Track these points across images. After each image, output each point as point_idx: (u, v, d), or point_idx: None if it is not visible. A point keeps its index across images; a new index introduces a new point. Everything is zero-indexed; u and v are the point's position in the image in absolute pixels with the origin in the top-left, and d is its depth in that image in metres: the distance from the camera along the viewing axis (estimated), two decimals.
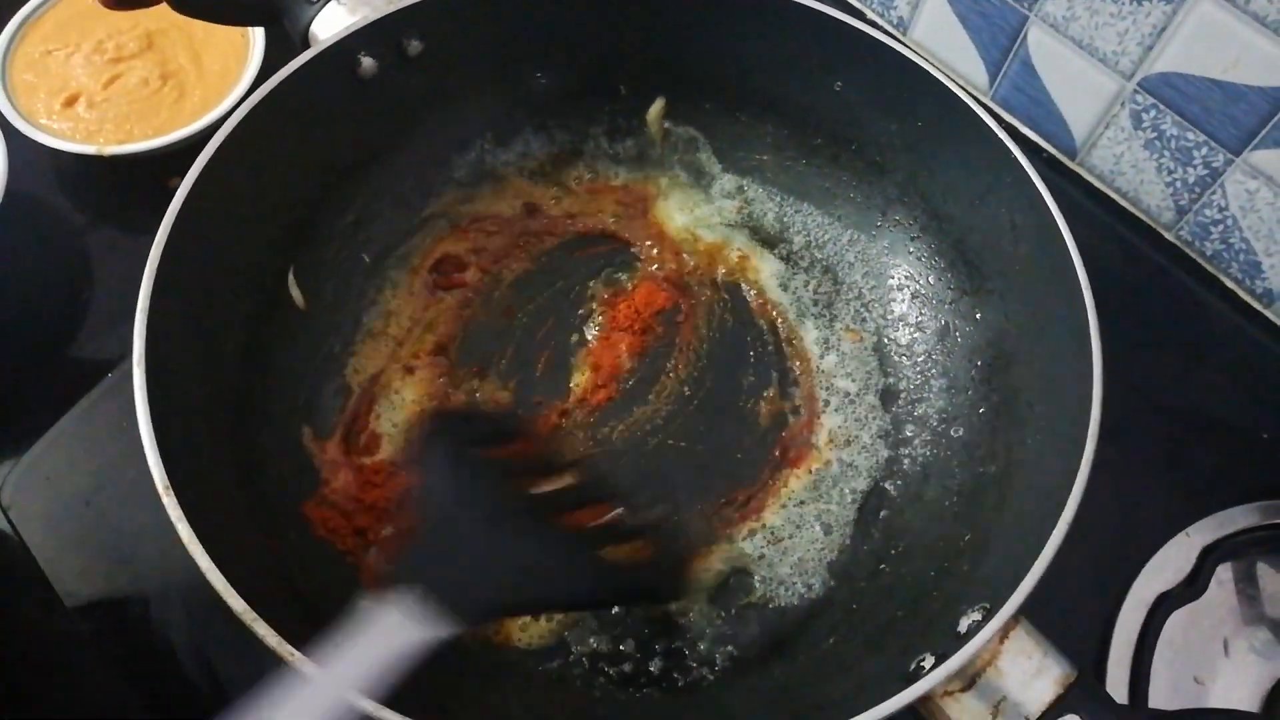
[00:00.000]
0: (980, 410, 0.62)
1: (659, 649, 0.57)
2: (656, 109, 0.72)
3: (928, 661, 0.46)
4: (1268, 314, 0.77)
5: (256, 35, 0.82)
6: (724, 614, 0.58)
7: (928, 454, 0.63)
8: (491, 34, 0.65)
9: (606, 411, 0.65)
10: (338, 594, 0.54)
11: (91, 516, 0.63)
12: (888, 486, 0.63)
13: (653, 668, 0.56)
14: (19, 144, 0.73)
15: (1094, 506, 0.48)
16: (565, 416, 0.65)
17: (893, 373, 0.67)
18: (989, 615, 0.46)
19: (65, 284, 0.75)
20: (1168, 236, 0.80)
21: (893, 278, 0.70)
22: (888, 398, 0.67)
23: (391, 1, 0.61)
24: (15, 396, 0.70)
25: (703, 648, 0.57)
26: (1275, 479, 0.68)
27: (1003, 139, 0.59)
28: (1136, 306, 0.75)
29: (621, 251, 0.72)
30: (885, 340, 0.69)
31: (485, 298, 0.69)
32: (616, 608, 0.58)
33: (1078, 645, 0.49)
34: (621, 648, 0.57)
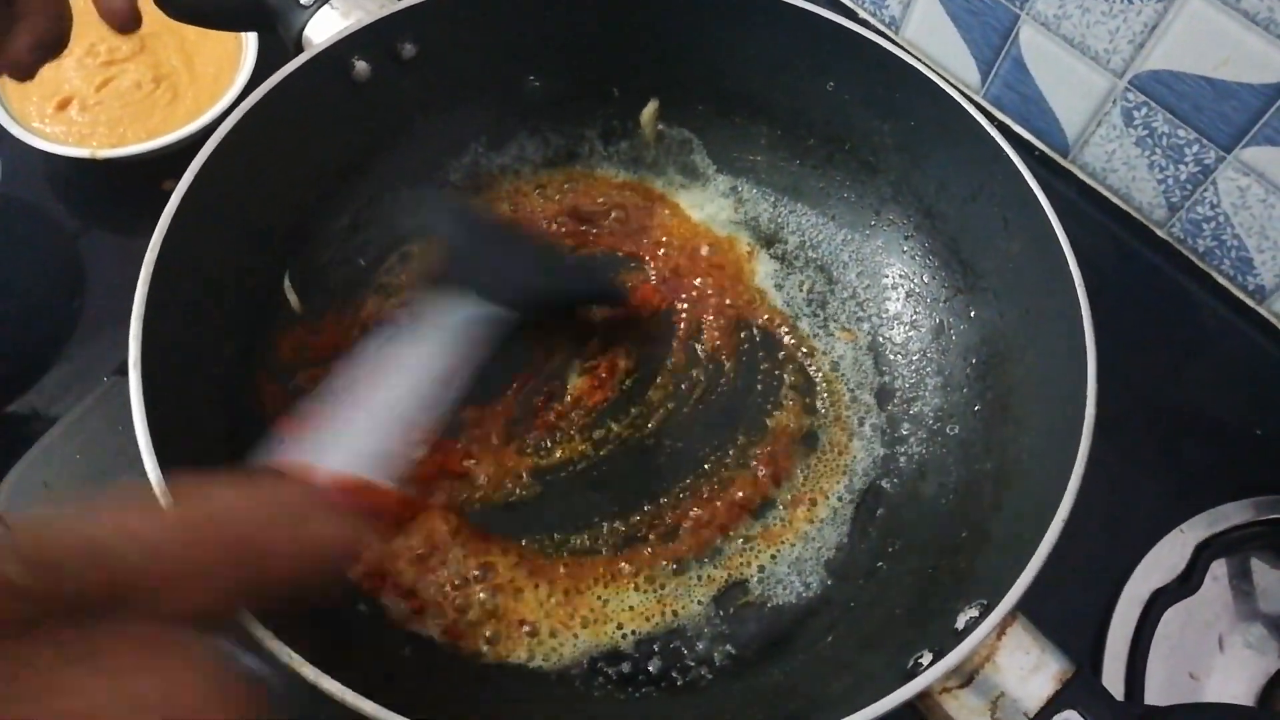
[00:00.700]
0: (975, 408, 0.62)
1: (657, 649, 0.57)
2: (650, 111, 0.72)
3: (926, 658, 0.46)
4: (1260, 310, 0.77)
5: (249, 39, 0.81)
6: (722, 613, 0.58)
7: (924, 452, 0.63)
8: (485, 38, 0.65)
9: (603, 412, 0.65)
10: (330, 594, 0.54)
11: None
12: (884, 484, 0.63)
13: (651, 668, 0.56)
14: (12, 147, 0.73)
15: (1088, 503, 0.48)
16: (562, 418, 0.65)
17: (888, 371, 0.67)
18: (986, 611, 0.46)
19: (59, 287, 0.75)
20: (1160, 233, 0.80)
21: (887, 277, 0.70)
22: (883, 396, 0.67)
23: (385, 5, 0.61)
24: (10, 401, 0.70)
25: (701, 647, 0.57)
26: (1268, 475, 0.68)
27: (995, 137, 0.59)
28: (1129, 303, 0.75)
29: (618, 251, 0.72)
30: (880, 339, 0.69)
31: None
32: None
33: (1074, 642, 0.49)
34: (620, 648, 0.57)
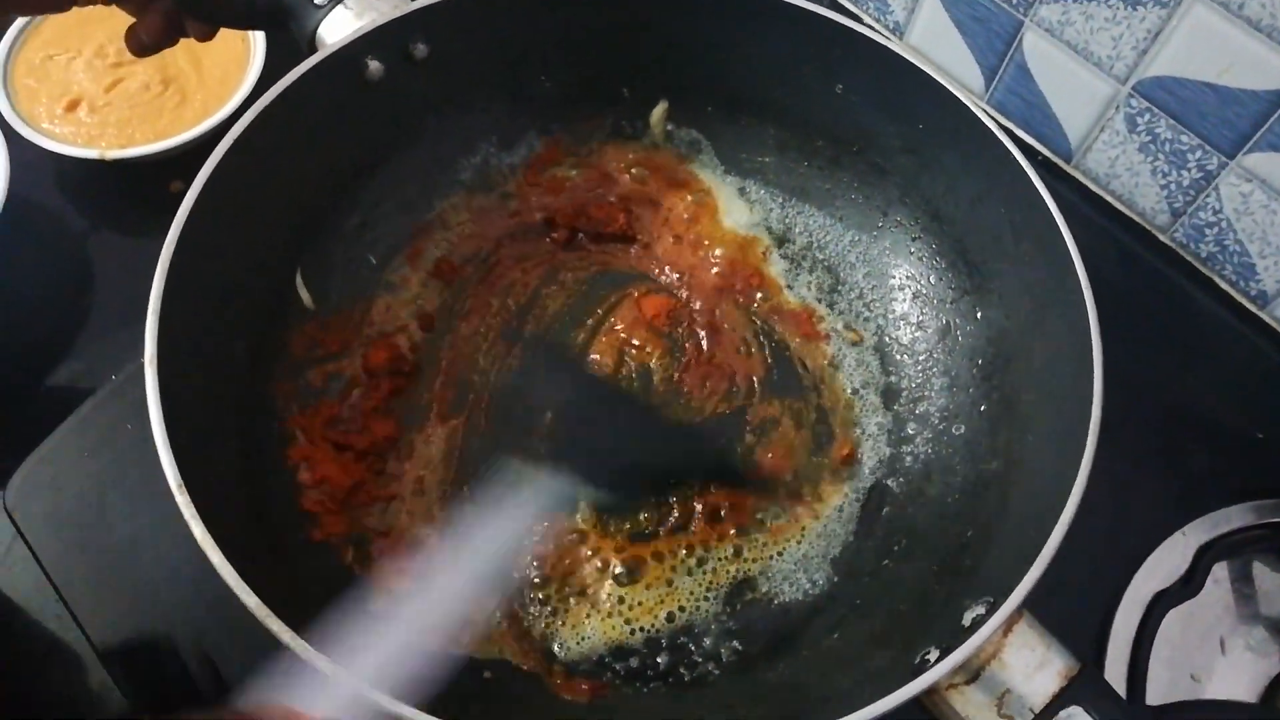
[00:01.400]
0: (981, 408, 0.62)
1: (665, 644, 0.57)
2: (659, 112, 0.73)
3: (932, 655, 0.46)
4: (1262, 315, 0.78)
5: (257, 40, 0.82)
6: (729, 610, 0.59)
7: (929, 452, 0.64)
8: (497, 38, 0.66)
9: None
10: (339, 592, 0.55)
11: (95, 518, 0.63)
12: (890, 484, 0.63)
13: (660, 662, 0.57)
14: (21, 148, 0.73)
15: (1091, 505, 0.48)
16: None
17: (894, 371, 0.68)
18: (993, 609, 0.46)
19: (67, 288, 0.75)
20: (1163, 239, 0.81)
21: (894, 278, 0.70)
22: (889, 396, 0.67)
23: (399, 5, 0.61)
24: (19, 400, 0.70)
25: (708, 643, 0.57)
26: (1269, 479, 0.69)
27: (1001, 140, 0.59)
28: (1132, 308, 0.75)
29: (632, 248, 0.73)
30: (887, 339, 0.69)
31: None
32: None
33: (1076, 642, 0.49)
34: (628, 643, 0.57)
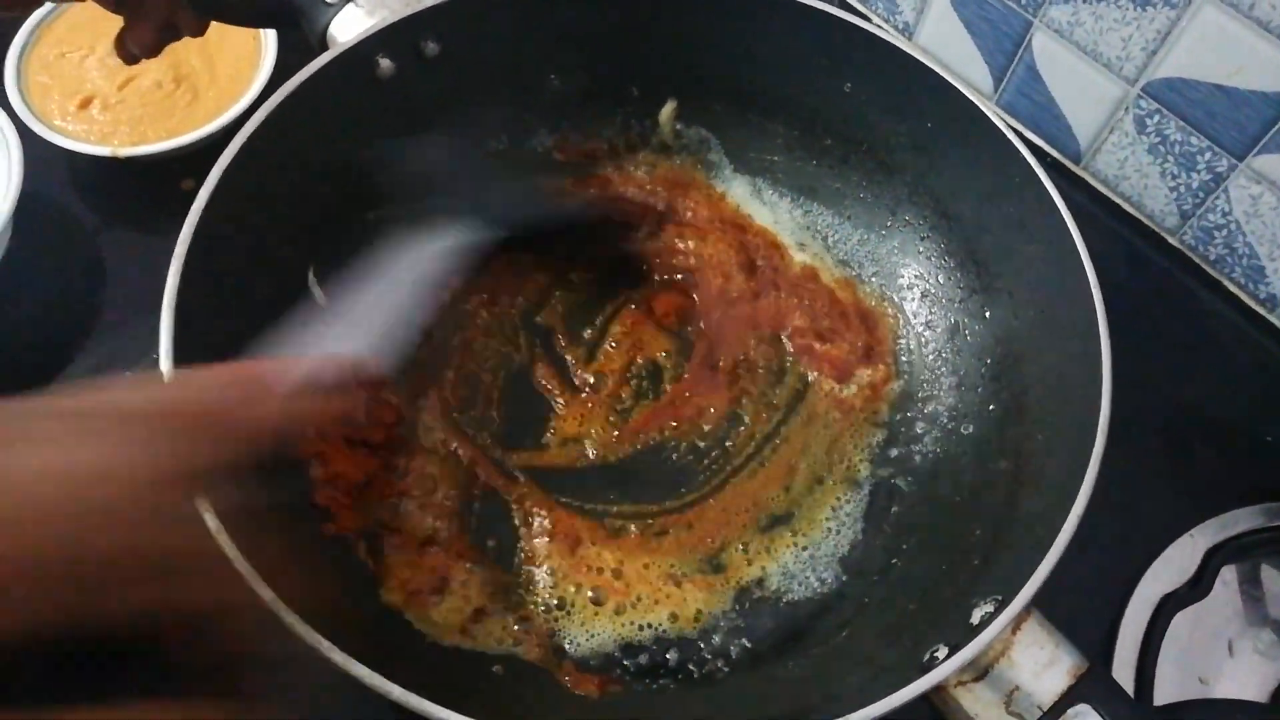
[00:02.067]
0: (990, 408, 0.62)
1: (674, 642, 0.57)
2: (668, 111, 0.73)
3: (941, 652, 0.46)
4: (1271, 318, 0.78)
5: (268, 38, 0.82)
6: (738, 608, 0.59)
7: (938, 451, 0.64)
8: (507, 36, 0.66)
9: (625, 407, 0.66)
10: (355, 591, 0.55)
11: None
12: (898, 482, 0.63)
13: (669, 659, 0.57)
14: (34, 145, 0.73)
15: (1099, 506, 0.48)
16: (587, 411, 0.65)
17: (903, 371, 0.68)
18: (1001, 607, 0.46)
19: (80, 284, 0.75)
20: (1171, 241, 0.81)
21: (902, 277, 0.70)
22: (898, 395, 0.67)
23: (409, 4, 0.62)
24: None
25: (717, 641, 0.57)
26: (1278, 482, 0.69)
27: (1010, 140, 0.60)
28: (1141, 310, 0.76)
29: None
30: (896, 338, 0.69)
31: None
32: None
33: (1084, 643, 0.49)
34: (638, 640, 0.57)
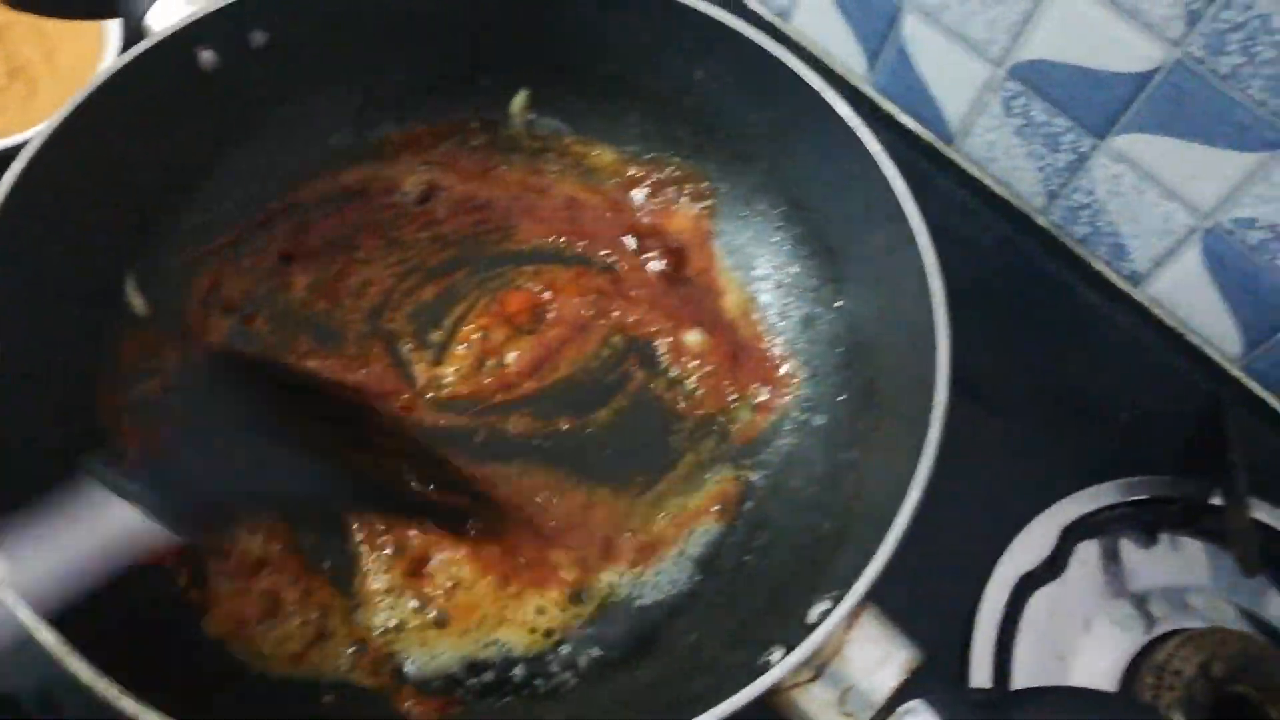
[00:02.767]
0: (840, 398, 0.62)
1: (521, 656, 0.56)
2: (519, 101, 0.71)
3: (777, 654, 0.46)
4: (1134, 294, 0.79)
5: (112, 29, 0.78)
6: (590, 615, 0.57)
7: (790, 443, 0.63)
8: (343, 25, 0.63)
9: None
10: (174, 625, 0.52)
11: None
12: (752, 477, 0.63)
13: (515, 675, 0.55)
14: None
15: (955, 490, 0.48)
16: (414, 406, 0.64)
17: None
18: (836, 604, 0.45)
19: None
20: (1040, 221, 0.81)
21: (756, 269, 0.69)
22: None
23: None
24: None
25: (566, 651, 0.56)
26: (1135, 456, 0.69)
27: (855, 126, 0.58)
28: (1010, 290, 0.76)
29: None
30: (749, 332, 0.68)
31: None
32: None
33: (941, 630, 0.49)
34: (483, 657, 0.56)
